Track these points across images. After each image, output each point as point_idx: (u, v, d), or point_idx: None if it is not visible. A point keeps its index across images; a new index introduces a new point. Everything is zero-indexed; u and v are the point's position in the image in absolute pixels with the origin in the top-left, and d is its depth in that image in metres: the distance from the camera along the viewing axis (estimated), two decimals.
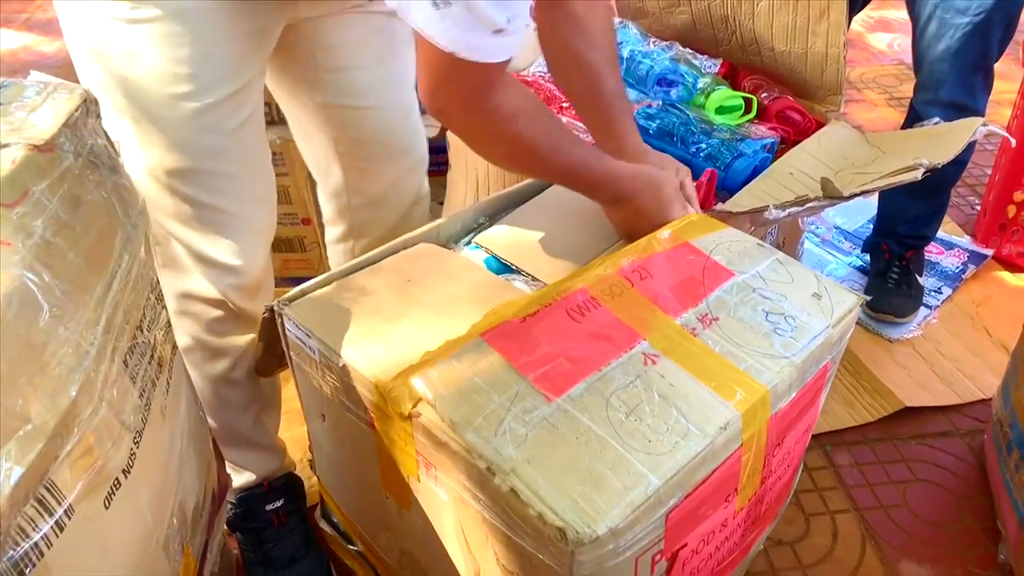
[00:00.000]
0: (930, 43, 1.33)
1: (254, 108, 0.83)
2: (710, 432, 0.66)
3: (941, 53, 1.31)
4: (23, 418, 0.44)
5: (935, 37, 1.32)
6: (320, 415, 0.86)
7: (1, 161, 0.52)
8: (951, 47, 1.30)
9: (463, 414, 0.63)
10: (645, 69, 1.31)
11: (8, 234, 0.48)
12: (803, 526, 1.16)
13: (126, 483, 0.56)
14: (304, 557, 1.02)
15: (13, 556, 0.45)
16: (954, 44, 1.30)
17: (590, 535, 0.57)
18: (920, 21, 1.34)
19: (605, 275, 0.78)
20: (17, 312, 0.46)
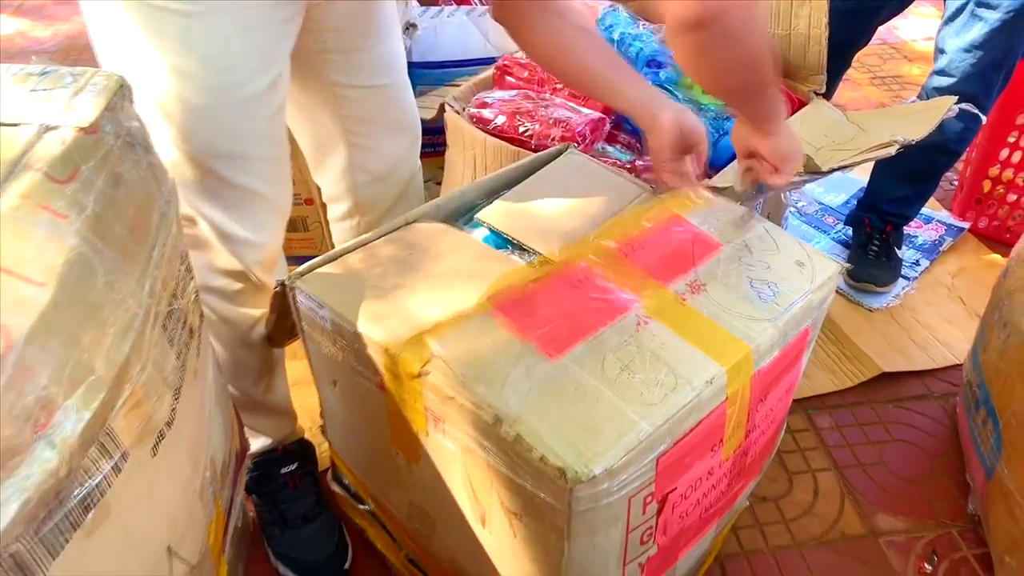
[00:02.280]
0: (957, 32, 1.35)
1: (284, 94, 0.88)
2: (697, 385, 0.72)
3: (966, 45, 1.34)
4: (88, 370, 0.50)
5: (963, 27, 1.34)
6: (331, 381, 0.92)
7: (52, 142, 0.57)
8: (976, 40, 1.32)
9: (472, 370, 0.69)
10: (635, 51, 1.37)
11: (63, 208, 0.54)
12: (786, 484, 1.23)
13: (169, 434, 0.61)
14: (317, 517, 1.09)
15: (80, 493, 0.51)
16: (979, 38, 1.32)
17: (587, 474, 0.63)
18: (951, 8, 1.37)
19: (601, 248, 0.84)
20: (78, 277, 0.51)
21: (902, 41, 2.66)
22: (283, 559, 1.07)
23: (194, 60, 0.77)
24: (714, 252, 0.86)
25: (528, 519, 0.72)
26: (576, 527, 0.68)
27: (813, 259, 0.87)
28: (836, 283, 0.88)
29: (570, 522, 0.68)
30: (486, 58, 1.69)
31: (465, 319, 0.75)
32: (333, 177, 1.07)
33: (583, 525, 0.68)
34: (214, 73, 0.78)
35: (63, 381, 0.48)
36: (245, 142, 0.84)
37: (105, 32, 0.80)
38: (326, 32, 0.91)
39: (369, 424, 0.88)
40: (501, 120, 1.28)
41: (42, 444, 0.47)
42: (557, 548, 0.71)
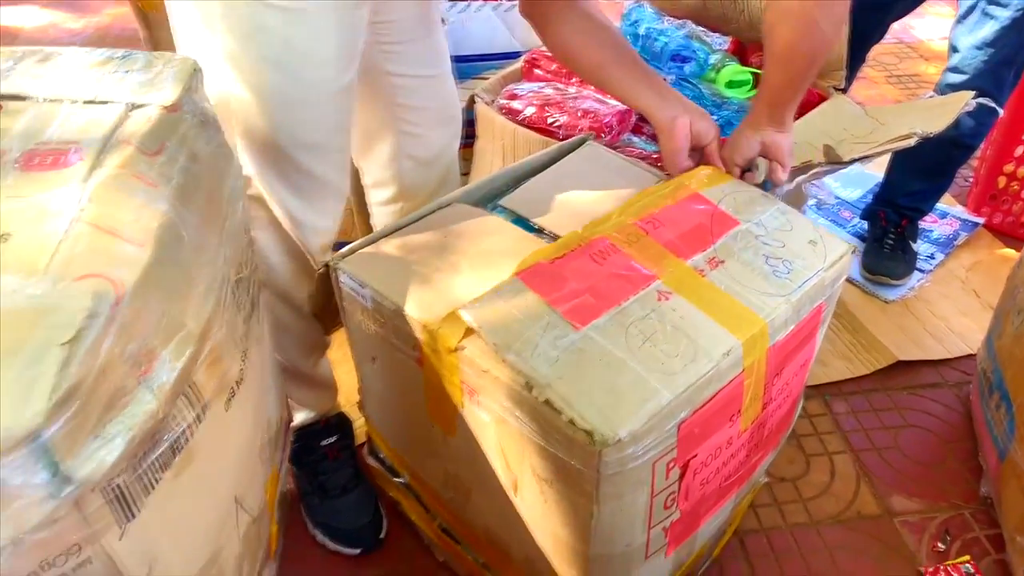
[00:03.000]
0: (970, 30, 1.39)
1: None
2: (715, 356, 0.76)
3: (978, 42, 1.37)
4: (180, 325, 0.55)
5: (975, 25, 1.37)
6: (371, 358, 0.97)
7: (140, 119, 0.62)
8: (987, 38, 1.36)
9: (504, 339, 0.74)
10: (660, 46, 1.41)
11: (154, 178, 0.59)
12: (804, 465, 1.28)
13: (239, 392, 0.67)
14: (355, 488, 1.14)
15: (170, 438, 0.56)
16: (991, 35, 1.35)
17: (614, 437, 0.68)
18: (963, 7, 1.41)
19: (623, 225, 0.88)
20: (169, 240, 0.57)
21: (918, 40, 2.68)
22: (322, 527, 1.13)
23: (291, 54, 0.81)
24: (731, 228, 0.90)
25: (559, 485, 0.77)
26: (604, 490, 0.73)
27: (825, 239, 0.91)
28: (849, 263, 0.92)
29: (598, 486, 0.72)
30: (512, 52, 1.74)
31: (497, 292, 0.79)
32: (381, 163, 1.12)
33: (611, 488, 0.73)
34: (310, 67, 0.83)
35: (160, 333, 0.54)
36: (326, 133, 0.89)
37: (193, 22, 0.82)
38: (383, 25, 0.96)
39: (407, 398, 0.93)
40: (530, 111, 1.32)
41: (143, 388, 0.52)
42: (586, 512, 0.76)
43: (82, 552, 0.50)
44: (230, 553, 0.68)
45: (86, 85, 0.66)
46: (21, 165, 0.57)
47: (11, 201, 0.54)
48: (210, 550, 0.65)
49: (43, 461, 0.45)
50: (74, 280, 0.49)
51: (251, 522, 0.73)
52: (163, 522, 0.56)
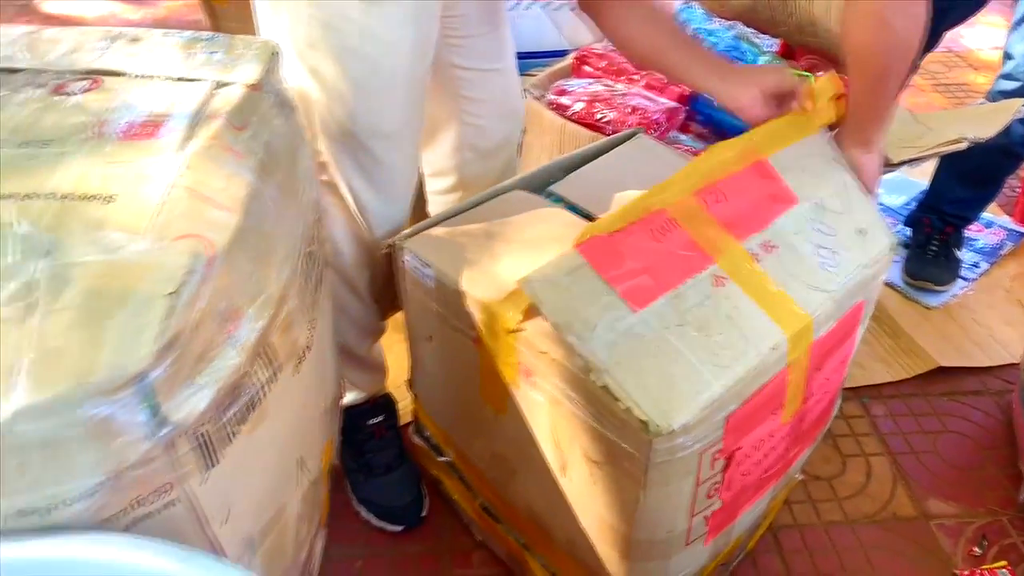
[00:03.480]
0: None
1: None
2: (763, 351, 0.77)
3: None
4: (262, 288, 0.59)
5: None
6: (427, 337, 1.00)
7: (227, 96, 0.66)
8: None
9: (564, 318, 0.75)
10: (709, 46, 1.42)
11: (241, 150, 0.63)
12: (840, 465, 1.28)
13: (306, 359, 0.70)
14: (399, 466, 1.17)
15: (247, 395, 0.60)
16: None
17: (667, 427, 0.70)
18: (1019, 13, 1.40)
19: (683, 197, 0.85)
20: (254, 209, 0.60)
21: (967, 49, 2.66)
22: (365, 503, 1.16)
23: (371, 44, 0.84)
24: (789, 207, 0.88)
25: (608, 468, 0.79)
26: (653, 477, 0.75)
27: (873, 229, 0.90)
28: (891, 260, 0.92)
29: (648, 472, 0.74)
30: (559, 51, 1.76)
31: (556, 265, 0.80)
32: (443, 153, 1.15)
33: (659, 475, 0.75)
34: (388, 57, 0.86)
35: (245, 294, 0.57)
36: (400, 122, 0.92)
37: (277, 12, 0.85)
38: (452, 19, 1.00)
39: (459, 378, 0.96)
40: (579, 107, 1.35)
41: (229, 344, 0.56)
42: (633, 496, 0.78)
43: (169, 493, 0.54)
44: (292, 511, 0.72)
45: (175, 64, 0.70)
46: (121, 134, 0.61)
47: (113, 167, 0.58)
48: (275, 506, 0.68)
49: (145, 402, 0.48)
50: (173, 239, 0.53)
51: (310, 484, 0.77)
52: (238, 474, 0.60)
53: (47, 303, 0.48)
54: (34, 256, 0.51)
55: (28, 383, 0.44)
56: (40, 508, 0.48)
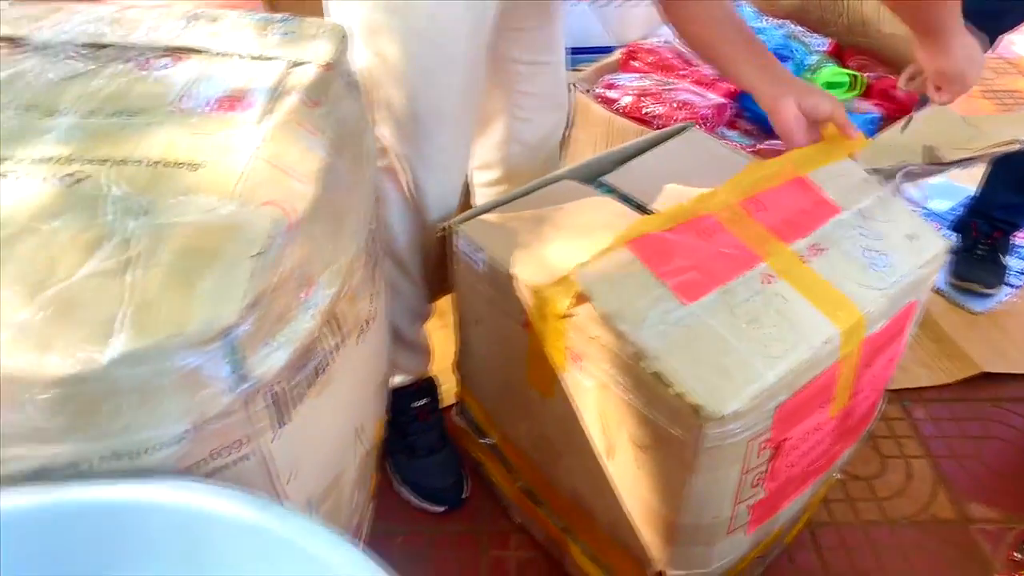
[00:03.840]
0: None
1: None
2: (815, 344, 0.78)
3: None
4: (334, 258, 0.62)
5: None
6: (476, 320, 1.02)
7: (302, 75, 0.69)
8: None
9: (615, 308, 0.77)
10: None
11: (314, 127, 0.65)
12: (879, 466, 1.28)
13: (368, 331, 0.73)
14: (441, 449, 1.20)
15: (315, 360, 0.62)
16: None
17: (719, 413, 0.71)
18: None
19: (728, 203, 0.89)
20: (327, 182, 0.63)
21: (1018, 56, 2.62)
22: (407, 484, 1.19)
23: (434, 27, 0.86)
24: (833, 216, 0.90)
25: (655, 452, 0.80)
26: (701, 462, 0.76)
27: (924, 234, 0.91)
28: (944, 261, 0.92)
29: (697, 457, 0.75)
30: (604, 47, 1.78)
31: (607, 259, 0.82)
32: (491, 145, 1.17)
33: (708, 461, 0.76)
34: (450, 40, 0.88)
35: (318, 262, 0.60)
36: (462, 106, 0.95)
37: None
38: (505, 9, 1.01)
39: (507, 360, 0.98)
40: (627, 101, 1.36)
41: (304, 308, 0.58)
42: (680, 481, 0.79)
43: (243, 447, 0.56)
44: (349, 478, 0.74)
45: (250, 43, 0.73)
46: (204, 107, 0.64)
47: (199, 137, 0.61)
48: (335, 471, 0.71)
49: (229, 357, 0.51)
50: (257, 205, 0.56)
51: (365, 454, 0.79)
52: (305, 435, 0.63)
53: (144, 259, 0.51)
54: (130, 216, 0.54)
55: (127, 332, 0.47)
56: (130, 452, 0.51)
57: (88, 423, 0.48)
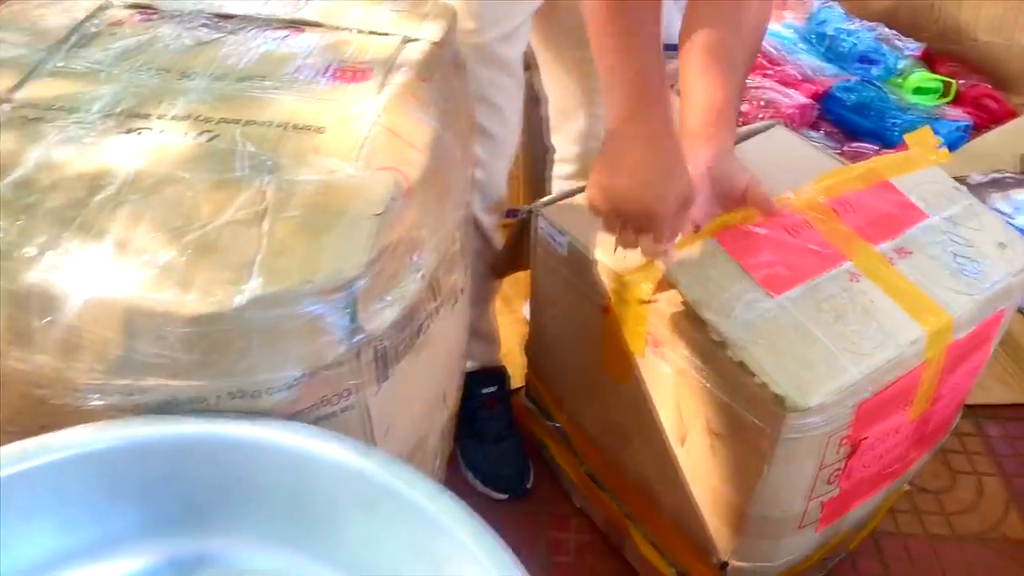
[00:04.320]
0: None
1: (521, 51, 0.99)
2: (901, 344, 0.78)
3: None
4: (440, 225, 0.64)
5: None
6: (551, 303, 1.04)
7: (414, 50, 0.72)
8: None
9: (701, 296, 0.78)
10: (848, 46, 1.41)
11: (426, 100, 0.68)
12: (949, 480, 1.25)
13: (459, 301, 0.75)
14: (508, 437, 1.22)
15: (417, 320, 0.65)
16: None
17: (803, 404, 0.71)
18: None
19: (815, 203, 0.89)
20: (438, 153, 0.66)
21: None
22: (473, 467, 1.21)
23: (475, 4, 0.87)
24: (921, 221, 0.89)
25: (731, 440, 0.81)
26: (779, 453, 0.76)
27: (1015, 243, 0.90)
28: None
29: (775, 447, 0.75)
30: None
31: (693, 248, 0.83)
32: (569, 140, 1.18)
33: (785, 452, 0.76)
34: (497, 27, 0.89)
35: (427, 227, 0.63)
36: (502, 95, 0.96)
37: None
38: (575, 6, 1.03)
39: (581, 344, 1.00)
40: None
41: (413, 269, 0.61)
42: (755, 471, 0.79)
43: (348, 398, 0.59)
44: (432, 442, 0.77)
45: (366, 19, 0.77)
46: (325, 76, 0.68)
47: (321, 103, 0.65)
48: (421, 432, 0.74)
49: (348, 308, 0.54)
50: (376, 170, 0.59)
51: (446, 421, 0.82)
52: (400, 392, 0.65)
53: (275, 211, 0.54)
54: (261, 172, 0.57)
55: (261, 276, 0.50)
56: (250, 392, 0.54)
57: (217, 361, 0.52)
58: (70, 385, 0.52)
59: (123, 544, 0.54)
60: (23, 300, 0.51)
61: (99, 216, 0.53)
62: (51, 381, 0.52)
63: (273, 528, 0.56)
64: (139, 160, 0.58)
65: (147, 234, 0.52)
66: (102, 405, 0.52)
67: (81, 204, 0.54)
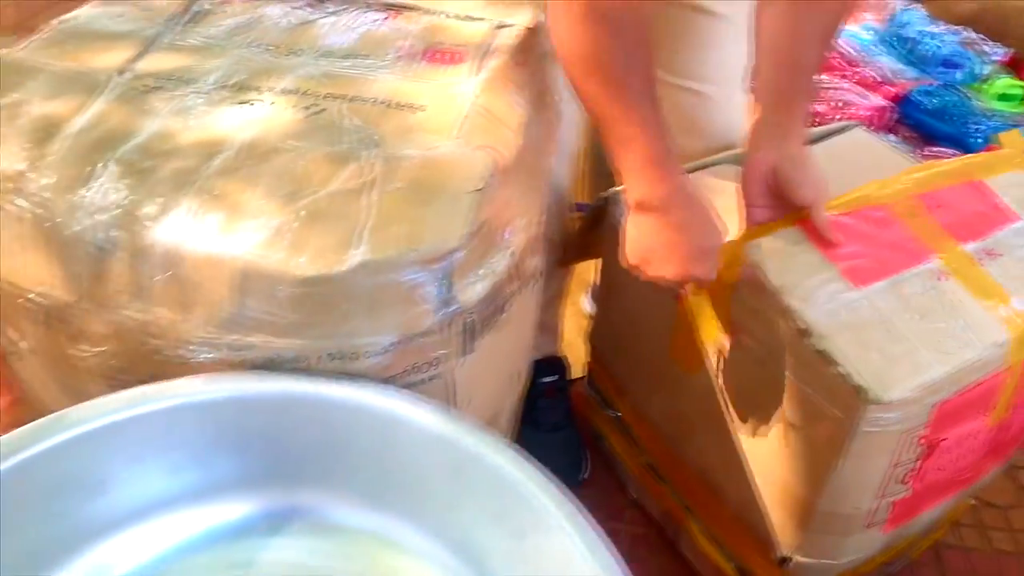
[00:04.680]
0: None
1: None
2: (986, 346, 0.76)
3: None
4: (528, 207, 0.66)
5: None
6: (620, 291, 1.05)
7: (508, 35, 0.74)
8: None
9: (785, 283, 0.78)
10: (930, 50, 1.38)
11: (519, 84, 0.70)
12: (1015, 496, 1.22)
13: (535, 284, 0.77)
14: (565, 427, 1.23)
15: (501, 299, 0.66)
16: None
17: (883, 398, 0.71)
18: None
19: (904, 197, 0.87)
20: (529, 134, 0.67)
21: None
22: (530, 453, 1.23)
23: None
24: (1011, 223, 0.87)
25: (806, 432, 0.80)
26: (854, 446, 0.75)
27: None
28: None
29: (850, 441, 0.75)
30: None
31: (777, 235, 0.82)
32: None
33: (860, 446, 0.75)
34: None
35: (516, 208, 0.65)
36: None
37: None
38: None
39: (648, 333, 1.00)
40: None
41: (502, 248, 0.63)
42: (827, 464, 0.79)
43: (436, 367, 0.62)
44: (504, 419, 0.79)
45: (459, 4, 0.79)
46: (424, 57, 0.70)
47: (421, 83, 0.67)
48: (494, 409, 0.76)
49: (445, 279, 0.56)
50: (473, 148, 0.61)
51: (517, 399, 0.84)
52: (481, 366, 0.67)
53: (381, 183, 0.56)
54: (365, 145, 0.60)
55: (368, 243, 0.53)
56: (347, 354, 0.56)
57: (320, 322, 0.54)
58: (183, 338, 0.55)
59: (222, 492, 0.57)
60: (145, 255, 0.54)
61: (216, 180, 0.57)
62: (166, 333, 0.55)
63: (362, 487, 0.58)
64: (251, 130, 0.61)
65: (261, 199, 0.55)
66: (210, 359, 0.55)
67: (198, 169, 0.58)
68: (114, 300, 0.55)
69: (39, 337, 0.60)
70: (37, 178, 0.55)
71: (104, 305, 0.55)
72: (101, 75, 0.65)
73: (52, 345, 0.60)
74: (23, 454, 0.51)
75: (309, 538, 0.57)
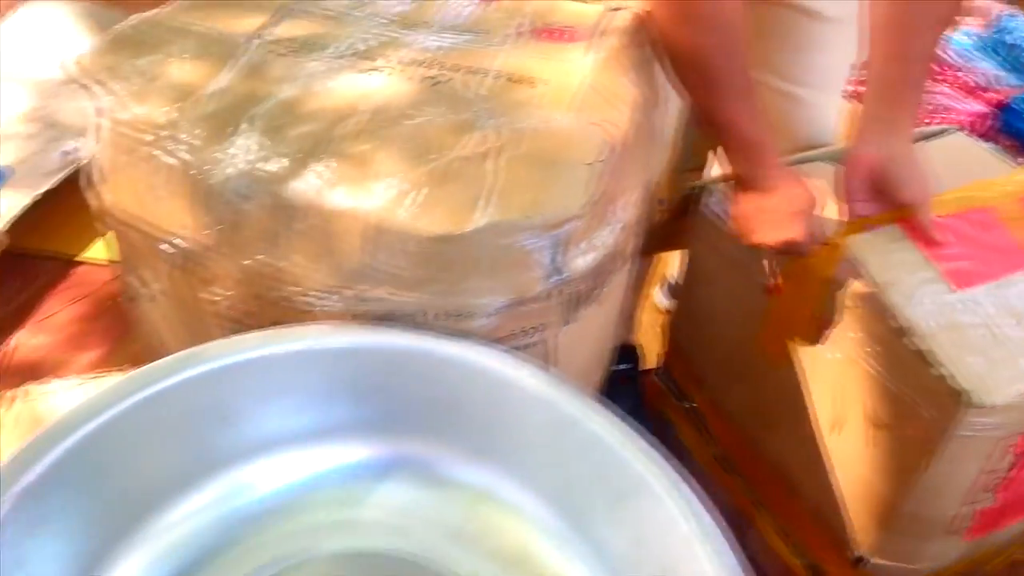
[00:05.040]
0: None
1: None
2: None
3: None
4: (635, 185, 0.68)
5: None
6: (706, 281, 1.05)
7: (619, 18, 0.76)
8: None
9: (887, 279, 0.78)
10: None
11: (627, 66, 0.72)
12: None
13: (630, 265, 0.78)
14: (635, 415, 1.23)
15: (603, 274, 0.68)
16: None
17: (986, 402, 0.70)
18: None
19: (1009, 200, 0.86)
20: (638, 117, 0.69)
21: None
22: None
23: None
24: None
25: (895, 432, 0.80)
26: (947, 449, 0.75)
27: None
28: None
29: (944, 443, 0.74)
30: None
31: (875, 233, 0.82)
32: None
33: (952, 450, 0.75)
34: None
35: (623, 187, 0.66)
36: None
37: None
38: None
39: (734, 324, 1.00)
40: None
41: (609, 222, 0.64)
42: (915, 465, 0.78)
43: (539, 333, 0.64)
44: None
45: None
46: (538, 35, 0.72)
47: (536, 59, 0.70)
48: (584, 382, 0.77)
49: (558, 247, 0.58)
50: (587, 123, 0.63)
51: (600, 379, 0.85)
52: (580, 338, 0.69)
53: (504, 151, 0.59)
54: (487, 116, 0.62)
55: (492, 206, 0.55)
56: (461, 313, 0.59)
57: (442, 279, 0.57)
58: (313, 286, 0.58)
59: (336, 435, 0.61)
60: (283, 206, 0.57)
61: (349, 142, 0.60)
62: (297, 280, 0.58)
63: (467, 442, 0.61)
64: (378, 97, 0.64)
65: (392, 160, 0.58)
66: (334, 308, 0.59)
67: (331, 130, 0.61)
68: (252, 247, 0.58)
69: (174, 279, 0.64)
70: (190, 128, 0.59)
71: (241, 250, 0.59)
72: (239, 38, 0.69)
73: (185, 288, 0.64)
74: (164, 383, 0.55)
75: (414, 486, 0.60)
